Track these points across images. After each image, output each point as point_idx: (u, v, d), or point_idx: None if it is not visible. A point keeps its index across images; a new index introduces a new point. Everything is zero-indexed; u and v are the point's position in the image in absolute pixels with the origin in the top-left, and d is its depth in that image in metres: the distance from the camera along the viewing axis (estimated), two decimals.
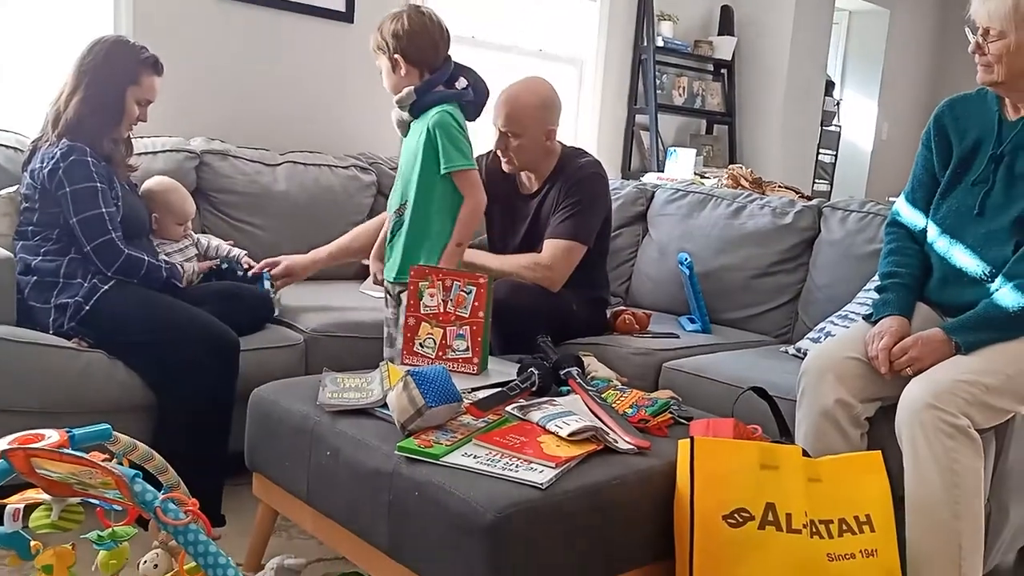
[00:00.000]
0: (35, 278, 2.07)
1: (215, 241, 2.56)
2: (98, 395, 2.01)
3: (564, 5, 4.22)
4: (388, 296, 2.21)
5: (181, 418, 2.00)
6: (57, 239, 2.08)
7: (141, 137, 2.73)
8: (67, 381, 1.98)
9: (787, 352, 2.45)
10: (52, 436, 1.19)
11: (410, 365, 1.90)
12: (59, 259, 2.07)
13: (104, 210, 2.05)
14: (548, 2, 4.16)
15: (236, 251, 2.53)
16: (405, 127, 2.18)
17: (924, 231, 2.00)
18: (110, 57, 2.11)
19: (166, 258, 2.29)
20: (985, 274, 1.85)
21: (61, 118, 2.09)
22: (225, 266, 2.48)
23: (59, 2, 2.82)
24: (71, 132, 2.07)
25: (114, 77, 2.11)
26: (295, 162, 2.99)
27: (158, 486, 1.26)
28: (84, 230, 2.03)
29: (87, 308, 2.02)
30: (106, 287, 2.04)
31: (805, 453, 1.62)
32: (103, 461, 1.10)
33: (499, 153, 2.48)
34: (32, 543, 1.16)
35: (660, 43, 4.43)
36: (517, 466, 1.42)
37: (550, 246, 2.41)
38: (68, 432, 1.22)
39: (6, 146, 2.41)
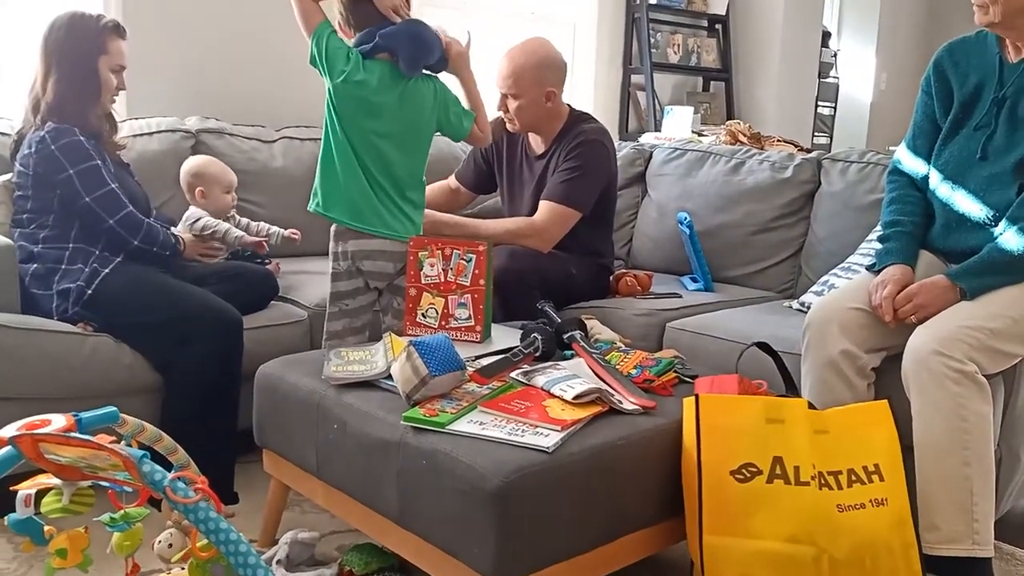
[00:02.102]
0: (35, 265, 2.07)
1: (254, 223, 2.57)
2: (105, 379, 2.02)
3: None
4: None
5: (188, 398, 2.01)
6: (53, 225, 2.08)
7: (136, 118, 2.73)
8: (73, 366, 1.98)
9: (791, 307, 2.44)
10: (59, 421, 1.19)
11: (413, 335, 1.90)
12: (58, 245, 2.07)
13: (113, 185, 2.06)
14: None
15: (275, 229, 2.54)
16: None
17: (926, 178, 1.98)
18: (72, 32, 2.09)
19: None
20: (989, 218, 1.84)
21: (41, 103, 2.08)
22: (247, 253, 2.50)
23: None
24: (54, 115, 2.06)
25: (82, 51, 2.09)
26: (291, 137, 2.98)
27: (168, 467, 1.27)
28: (102, 207, 2.04)
29: (90, 292, 2.02)
30: (107, 270, 2.04)
31: (811, 406, 1.63)
32: (110, 443, 1.10)
33: (503, 114, 2.48)
34: (45, 528, 1.17)
35: (653, 0, 4.37)
36: (523, 431, 1.43)
37: (543, 208, 2.42)
38: (75, 416, 1.23)
39: (1, 133, 2.39)
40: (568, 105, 2.56)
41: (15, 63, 2.73)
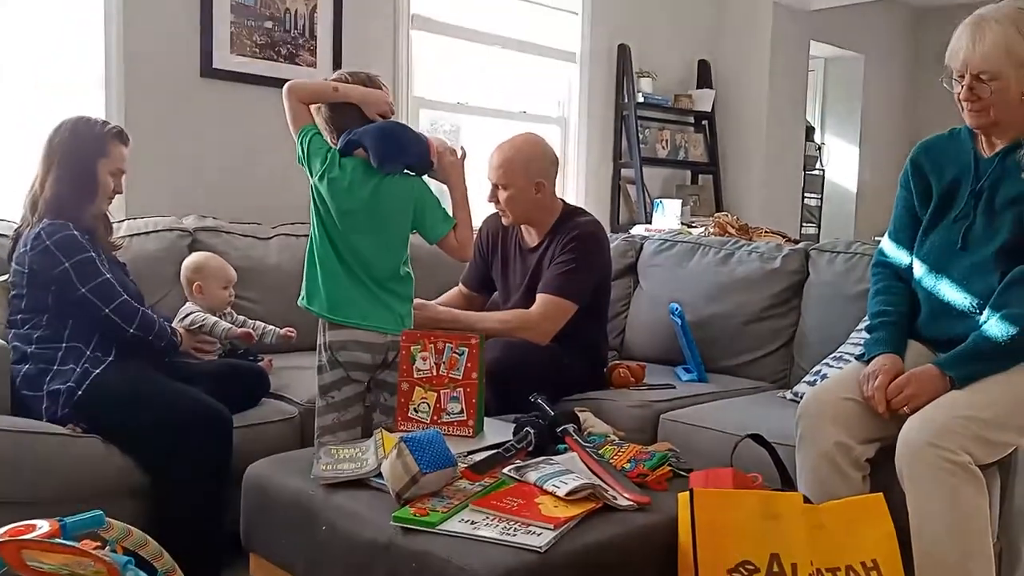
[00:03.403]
0: (27, 366, 2.06)
1: (251, 321, 2.58)
2: (93, 481, 1.98)
3: (546, 67, 4.32)
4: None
5: (176, 500, 1.98)
6: (47, 324, 2.09)
7: (134, 218, 2.78)
8: (62, 469, 1.96)
9: (784, 397, 2.44)
10: (43, 526, 1.18)
11: (405, 431, 1.89)
12: (50, 345, 2.07)
13: (108, 276, 2.09)
14: (530, 66, 4.26)
15: (271, 328, 2.55)
16: None
17: (910, 268, 2.01)
18: (76, 134, 2.15)
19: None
20: (973, 306, 1.86)
21: (39, 200, 2.13)
22: (241, 351, 2.50)
23: (51, 90, 2.88)
24: (51, 212, 2.10)
25: (83, 152, 2.15)
26: (287, 234, 3.02)
27: (154, 572, 1.25)
28: (98, 297, 2.06)
29: (80, 393, 2.01)
30: (97, 371, 2.04)
31: (807, 500, 1.61)
32: (95, 549, 1.09)
33: (494, 205, 2.54)
34: None
35: (641, 99, 4.52)
36: (515, 530, 1.41)
37: (540, 300, 2.44)
38: (60, 521, 1.21)
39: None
40: (561, 200, 2.62)
41: (12, 166, 2.79)
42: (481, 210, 2.61)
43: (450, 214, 2.15)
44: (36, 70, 2.87)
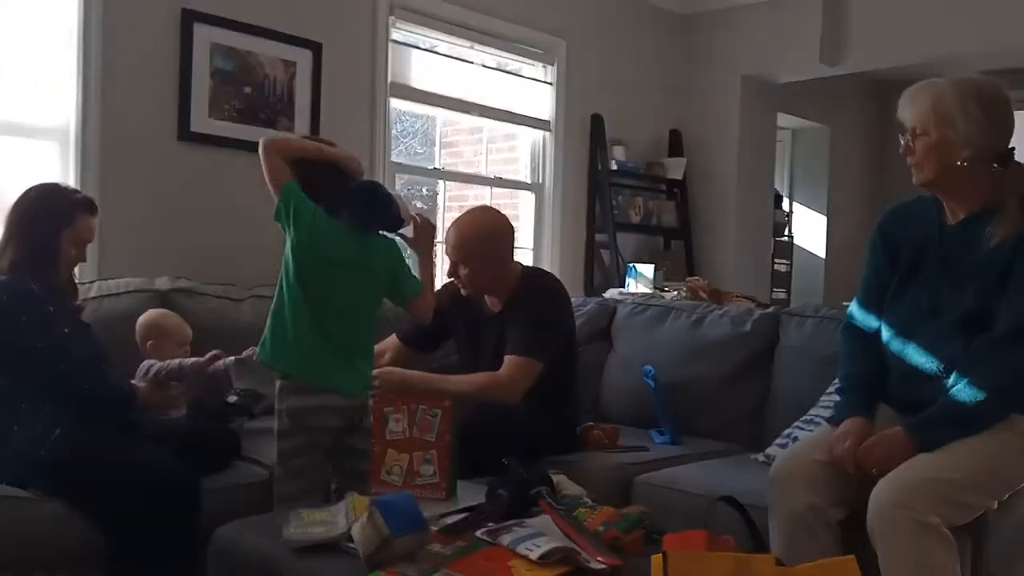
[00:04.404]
0: None
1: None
2: (54, 547, 1.93)
3: (521, 134, 4.41)
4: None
5: (139, 567, 1.92)
6: (7, 386, 2.05)
7: (106, 279, 2.76)
8: (21, 533, 1.91)
9: (757, 459, 2.45)
10: None
11: (377, 494, 1.86)
12: (12, 407, 2.03)
13: (65, 331, 2.06)
14: (505, 134, 4.35)
15: (230, 359, 2.40)
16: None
17: (878, 332, 2.05)
18: (41, 201, 2.12)
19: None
20: (939, 370, 1.89)
21: None
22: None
23: (24, 155, 2.89)
24: (6, 275, 2.07)
25: (48, 222, 2.10)
26: (261, 296, 3.01)
27: None
28: (54, 351, 2.02)
29: (42, 454, 1.97)
30: (59, 431, 2.00)
31: (780, 562, 1.60)
32: None
33: (455, 280, 2.56)
34: None
35: (614, 166, 4.61)
36: None
37: (507, 361, 2.45)
38: None
39: None
40: (519, 263, 2.64)
41: None
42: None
43: (417, 275, 2.24)
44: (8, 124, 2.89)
